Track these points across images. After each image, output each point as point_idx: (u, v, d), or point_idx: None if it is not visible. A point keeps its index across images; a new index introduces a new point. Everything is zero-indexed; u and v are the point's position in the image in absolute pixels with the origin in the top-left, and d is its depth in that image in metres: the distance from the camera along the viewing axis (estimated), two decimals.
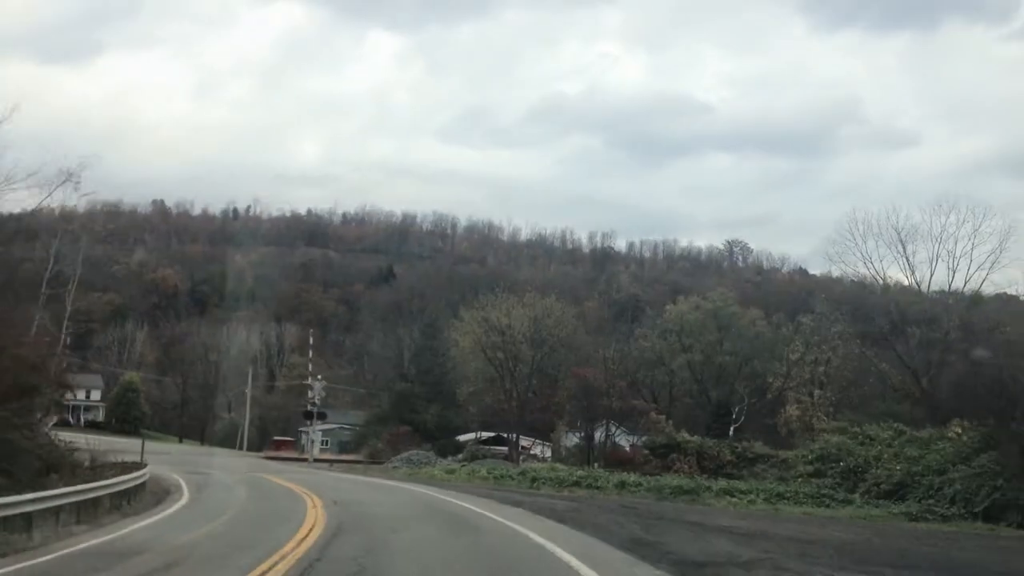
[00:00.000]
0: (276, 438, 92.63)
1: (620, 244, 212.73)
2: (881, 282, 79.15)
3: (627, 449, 74.71)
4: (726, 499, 46.08)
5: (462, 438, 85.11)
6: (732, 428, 78.52)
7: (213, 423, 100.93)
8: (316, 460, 63.43)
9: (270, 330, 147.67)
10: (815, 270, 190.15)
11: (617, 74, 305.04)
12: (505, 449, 79.92)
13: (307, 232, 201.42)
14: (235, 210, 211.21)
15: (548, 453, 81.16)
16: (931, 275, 76.53)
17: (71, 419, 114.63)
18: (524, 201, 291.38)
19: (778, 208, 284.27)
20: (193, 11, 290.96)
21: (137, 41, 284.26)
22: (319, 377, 65.67)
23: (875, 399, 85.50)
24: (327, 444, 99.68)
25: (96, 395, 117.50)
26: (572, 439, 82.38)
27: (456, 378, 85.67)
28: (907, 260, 77.32)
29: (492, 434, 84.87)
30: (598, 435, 76.28)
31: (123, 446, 74.01)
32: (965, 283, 77.47)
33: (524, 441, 78.08)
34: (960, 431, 47.22)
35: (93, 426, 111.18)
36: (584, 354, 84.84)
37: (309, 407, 65.03)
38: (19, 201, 53.51)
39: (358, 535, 20.52)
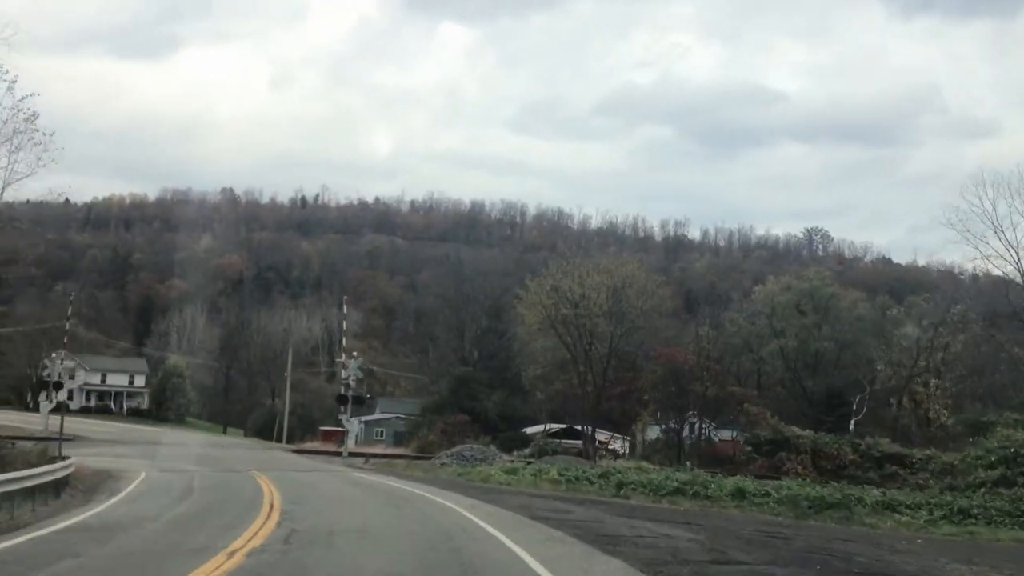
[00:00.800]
0: (324, 428, 79.26)
1: (694, 232, 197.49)
2: (1016, 256, 63.37)
3: (718, 444, 60.51)
4: (890, 517, 31.66)
5: (529, 430, 71.14)
6: (852, 422, 63.26)
7: (256, 411, 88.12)
8: (351, 454, 49.81)
9: (332, 316, 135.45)
10: (900, 259, 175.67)
11: (689, 64, 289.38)
12: (578, 443, 66.14)
13: (374, 219, 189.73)
14: (303, 198, 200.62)
15: (625, 448, 67.29)
16: None
17: (112, 406, 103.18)
18: (594, 191, 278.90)
19: (856, 197, 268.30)
20: (266, 6, 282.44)
21: (212, 36, 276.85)
22: (355, 354, 51.74)
23: (1007, 388, 71.04)
24: (382, 435, 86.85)
25: (140, 381, 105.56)
26: (652, 432, 68.29)
27: (522, 360, 71.60)
28: None
29: (562, 426, 70.92)
30: (687, 428, 62.33)
31: (140, 435, 61.47)
32: None
33: (600, 435, 63.64)
34: None
35: (136, 414, 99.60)
36: (665, 336, 70.75)
37: (342, 390, 51.39)
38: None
39: None
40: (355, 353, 52.54)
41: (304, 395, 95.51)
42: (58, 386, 55.89)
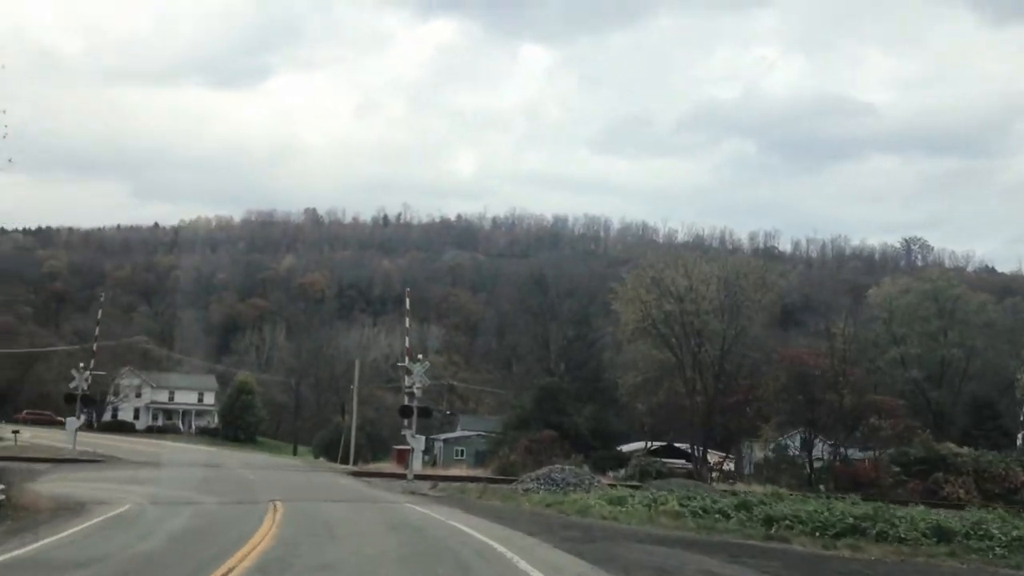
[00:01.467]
0: (399, 447, 69.31)
1: (784, 244, 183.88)
2: None
3: (856, 464, 48.99)
4: None
5: (625, 448, 60.48)
6: (1020, 436, 51.18)
7: (323, 429, 78.80)
8: (418, 477, 39.93)
9: (412, 332, 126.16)
10: (1004, 268, 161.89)
11: (773, 78, 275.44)
12: (680, 463, 55.47)
13: (456, 237, 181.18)
14: (385, 217, 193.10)
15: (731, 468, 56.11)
16: None
17: (181, 425, 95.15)
18: (679, 207, 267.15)
19: (951, 208, 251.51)
20: (352, 34, 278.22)
21: (299, 65, 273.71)
22: (419, 357, 41.74)
23: None
24: (462, 455, 77.03)
25: (210, 398, 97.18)
26: (758, 451, 57.10)
27: (616, 366, 60.86)
28: None
29: (659, 443, 60.34)
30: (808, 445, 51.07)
31: (184, 456, 52.46)
32: None
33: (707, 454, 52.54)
34: None
35: (205, 433, 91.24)
36: (771, 346, 59.44)
37: (406, 400, 41.59)
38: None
39: None
40: (420, 356, 42.49)
41: (380, 411, 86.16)
42: (87, 400, 47.09)
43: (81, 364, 48.17)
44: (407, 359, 41.58)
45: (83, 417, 47.31)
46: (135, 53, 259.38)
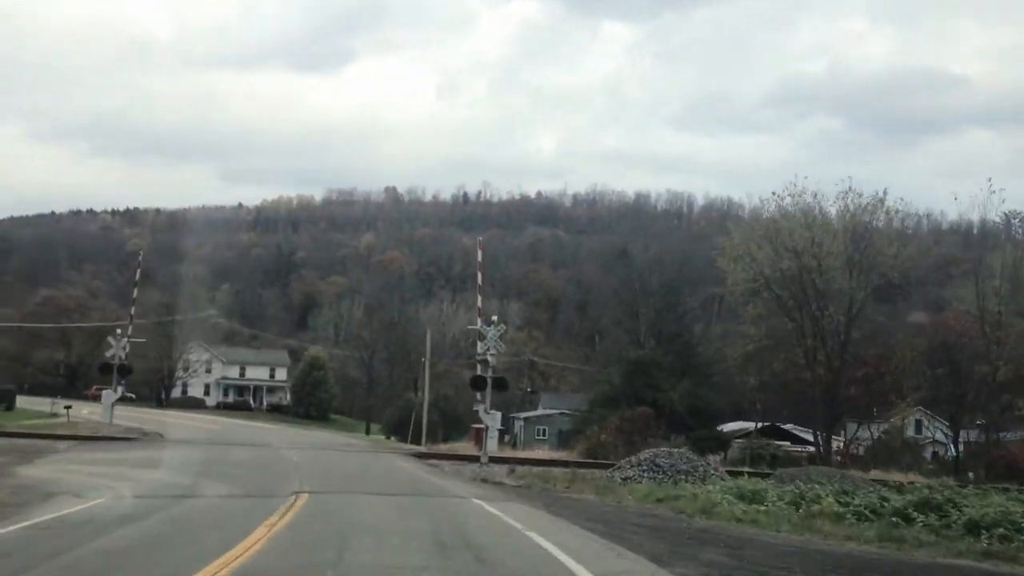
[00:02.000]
0: (476, 425, 62.65)
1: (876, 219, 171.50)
2: None
3: (1014, 448, 40.48)
4: None
5: (725, 428, 52.81)
6: None
7: (392, 406, 72.37)
8: (492, 459, 33.05)
9: (491, 308, 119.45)
10: None
11: (861, 51, 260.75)
12: (787, 444, 47.78)
13: (537, 214, 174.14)
14: (465, 195, 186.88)
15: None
16: None
17: (252, 402, 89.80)
18: (764, 184, 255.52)
19: None
20: (435, 16, 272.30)
21: (382, 47, 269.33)
22: (493, 319, 34.67)
23: None
24: (543, 435, 70.38)
25: (281, 374, 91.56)
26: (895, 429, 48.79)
27: (711, 338, 53.09)
28: None
29: (756, 424, 52.67)
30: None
31: (233, 435, 46.65)
32: None
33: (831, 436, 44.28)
34: None
35: (276, 410, 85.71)
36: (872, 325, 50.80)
37: (478, 369, 34.68)
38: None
39: None
40: (494, 318, 35.40)
41: (458, 388, 79.49)
42: (124, 371, 40.94)
43: (118, 331, 42.06)
44: (479, 321, 34.62)
45: (120, 389, 41.17)
46: (222, 39, 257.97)
